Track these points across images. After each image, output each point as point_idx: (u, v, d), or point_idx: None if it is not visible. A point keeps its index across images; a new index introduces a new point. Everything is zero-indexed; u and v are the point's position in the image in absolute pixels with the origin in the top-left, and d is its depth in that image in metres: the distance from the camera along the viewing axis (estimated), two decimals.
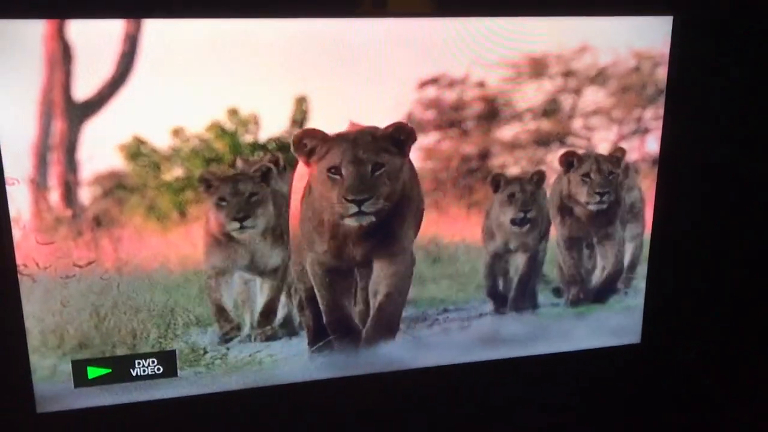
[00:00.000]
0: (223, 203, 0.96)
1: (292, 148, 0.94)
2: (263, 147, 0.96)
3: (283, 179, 0.99)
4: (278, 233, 1.01)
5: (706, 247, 1.16)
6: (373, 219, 0.95)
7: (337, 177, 0.93)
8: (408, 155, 0.97)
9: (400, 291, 1.02)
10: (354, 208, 0.93)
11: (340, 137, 0.94)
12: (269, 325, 1.03)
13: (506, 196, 1.07)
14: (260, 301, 1.04)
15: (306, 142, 0.94)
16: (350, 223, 0.95)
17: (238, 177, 0.96)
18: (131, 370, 0.97)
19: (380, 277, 1.01)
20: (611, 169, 1.08)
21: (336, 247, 0.98)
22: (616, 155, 1.07)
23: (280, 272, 1.04)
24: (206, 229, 0.98)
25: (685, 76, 1.04)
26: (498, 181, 1.05)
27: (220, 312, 1.00)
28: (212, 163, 0.95)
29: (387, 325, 1.03)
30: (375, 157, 0.94)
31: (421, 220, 1.03)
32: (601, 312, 1.14)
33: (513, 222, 1.09)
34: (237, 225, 0.97)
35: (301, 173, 0.98)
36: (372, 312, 1.02)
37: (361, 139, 0.94)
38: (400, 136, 0.96)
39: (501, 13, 0.96)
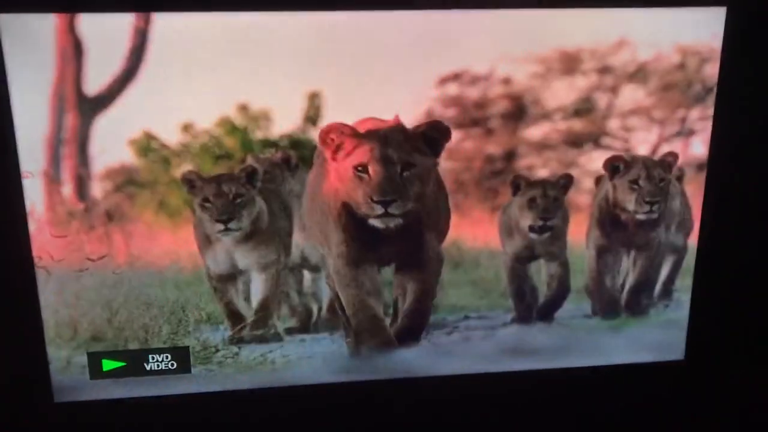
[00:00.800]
0: (207, 204, 0.94)
1: (318, 142, 0.91)
2: (275, 144, 0.94)
3: (295, 178, 0.97)
4: (271, 233, 0.99)
5: (756, 259, 1.05)
6: (401, 221, 0.90)
7: (365, 176, 0.89)
8: (440, 155, 0.92)
9: (429, 294, 0.98)
10: (380, 209, 0.89)
11: (369, 133, 0.90)
12: (265, 326, 1.01)
13: (526, 201, 1.01)
14: (256, 298, 1.02)
15: (333, 137, 0.90)
16: (376, 224, 0.91)
17: (222, 178, 0.94)
18: (145, 365, 0.97)
19: (408, 279, 0.97)
20: (662, 176, 1.00)
21: (360, 243, 0.94)
22: (668, 160, 0.99)
23: (275, 270, 1.01)
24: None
25: (738, 73, 0.94)
26: (518, 184, 0.99)
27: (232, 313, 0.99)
28: (222, 160, 0.93)
29: (414, 329, 0.98)
30: (406, 157, 0.89)
31: (449, 218, 0.98)
32: (640, 326, 1.06)
33: (531, 229, 1.03)
34: (221, 227, 0.95)
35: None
36: (400, 318, 0.99)
37: (391, 136, 0.89)
38: (434, 135, 0.90)
39: (530, 5, 0.89)
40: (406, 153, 0.89)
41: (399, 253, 0.95)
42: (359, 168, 0.89)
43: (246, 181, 0.95)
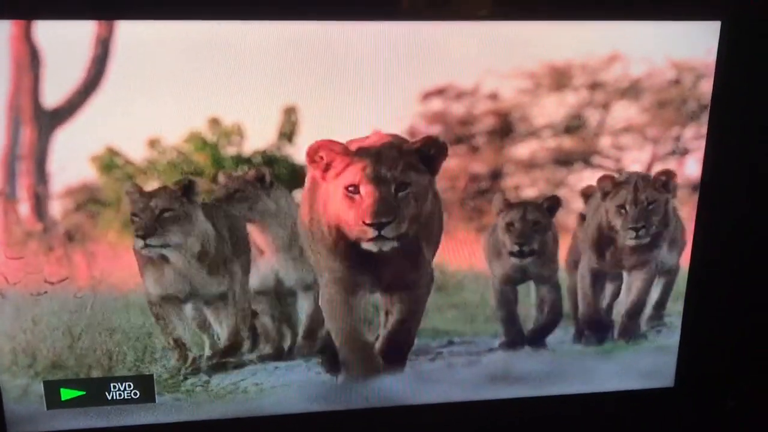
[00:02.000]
0: (135, 218, 0.88)
1: (306, 160, 0.85)
2: (248, 161, 0.89)
3: (270, 196, 0.92)
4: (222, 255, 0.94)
5: (750, 284, 1.02)
6: (395, 244, 0.85)
7: (356, 196, 0.84)
8: (437, 172, 0.87)
9: (415, 317, 0.93)
10: (373, 233, 0.83)
11: (360, 151, 0.84)
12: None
13: (504, 224, 0.96)
14: (221, 331, 0.97)
15: (322, 155, 0.84)
16: (369, 248, 0.85)
17: (156, 192, 0.88)
18: (106, 394, 0.91)
19: (395, 300, 0.93)
20: (652, 198, 0.96)
21: (353, 268, 0.89)
22: (661, 178, 0.95)
23: (230, 299, 0.96)
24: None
25: (733, 90, 0.91)
26: (499, 205, 0.95)
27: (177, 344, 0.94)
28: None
29: (397, 353, 0.94)
30: (400, 176, 0.84)
31: (440, 235, 0.93)
32: (630, 352, 1.02)
33: (511, 254, 0.98)
34: (141, 243, 0.88)
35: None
36: (381, 340, 0.94)
37: (385, 154, 0.84)
38: (430, 151, 0.85)
39: (518, 17, 0.85)
40: (401, 171, 0.84)
41: (395, 274, 0.90)
42: (350, 188, 0.84)
43: (182, 195, 0.89)
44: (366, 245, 0.85)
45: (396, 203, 0.84)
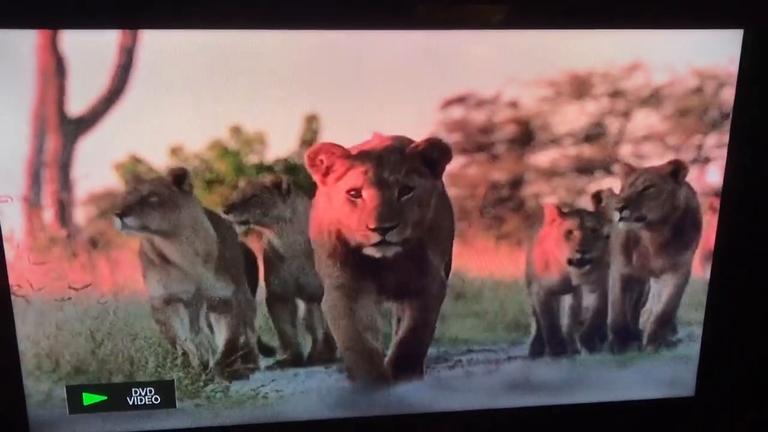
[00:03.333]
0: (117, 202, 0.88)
1: (306, 164, 0.85)
2: (269, 168, 0.89)
3: (286, 203, 0.92)
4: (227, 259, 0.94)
5: None
6: (399, 249, 0.85)
7: (358, 201, 0.83)
8: (441, 176, 0.87)
9: (427, 324, 0.93)
10: (376, 237, 0.83)
11: (362, 154, 0.84)
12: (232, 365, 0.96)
13: (563, 232, 0.96)
14: (219, 339, 0.97)
15: (322, 159, 0.84)
16: (372, 253, 0.85)
17: (147, 179, 0.87)
18: (128, 399, 0.92)
19: (405, 307, 0.92)
20: (648, 183, 0.94)
21: (355, 274, 0.89)
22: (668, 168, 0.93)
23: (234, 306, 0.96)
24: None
25: (756, 98, 0.90)
26: (551, 214, 0.95)
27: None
28: (214, 185, 0.88)
29: (410, 362, 0.93)
30: (403, 179, 0.83)
31: (450, 241, 0.93)
32: (649, 360, 1.01)
33: (570, 262, 0.98)
34: (118, 222, 0.87)
35: None
36: (392, 347, 0.94)
37: (387, 157, 0.83)
38: (433, 155, 0.85)
39: (539, 26, 0.84)
40: (404, 175, 0.83)
41: (401, 281, 0.90)
42: (352, 192, 0.84)
43: (172, 183, 0.88)
44: (369, 251, 0.85)
45: (399, 207, 0.83)
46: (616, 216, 0.96)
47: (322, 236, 0.89)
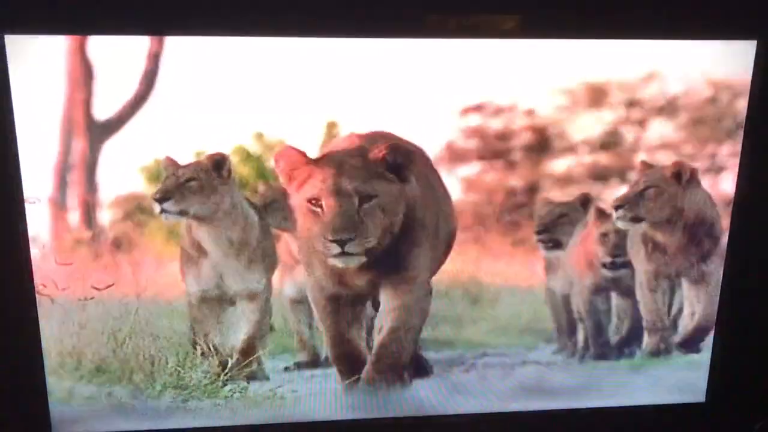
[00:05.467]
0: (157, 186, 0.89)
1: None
2: None
3: None
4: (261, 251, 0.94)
5: None
6: (364, 259, 0.83)
7: (318, 210, 0.82)
8: (408, 180, 0.85)
9: (408, 327, 0.90)
10: (336, 249, 0.82)
11: (322, 161, 0.82)
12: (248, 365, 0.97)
13: (599, 234, 0.97)
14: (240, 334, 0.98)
15: (282, 164, 0.83)
16: (335, 263, 0.83)
17: (186, 165, 0.88)
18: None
19: (386, 309, 0.91)
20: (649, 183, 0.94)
21: (335, 273, 0.87)
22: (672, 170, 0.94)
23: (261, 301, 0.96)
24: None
25: None
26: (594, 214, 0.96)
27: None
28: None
29: (389, 365, 0.91)
30: (364, 187, 0.81)
31: (449, 248, 0.93)
32: (662, 366, 1.02)
33: (604, 266, 0.99)
34: (158, 208, 0.87)
35: None
36: (374, 349, 0.92)
37: (348, 163, 0.82)
38: (396, 160, 0.83)
39: (556, 36, 0.86)
40: (365, 182, 0.82)
41: (377, 278, 0.88)
42: (312, 201, 0.82)
43: (211, 168, 0.89)
44: (332, 261, 0.83)
45: (359, 218, 0.81)
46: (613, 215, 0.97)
47: (301, 240, 0.89)
